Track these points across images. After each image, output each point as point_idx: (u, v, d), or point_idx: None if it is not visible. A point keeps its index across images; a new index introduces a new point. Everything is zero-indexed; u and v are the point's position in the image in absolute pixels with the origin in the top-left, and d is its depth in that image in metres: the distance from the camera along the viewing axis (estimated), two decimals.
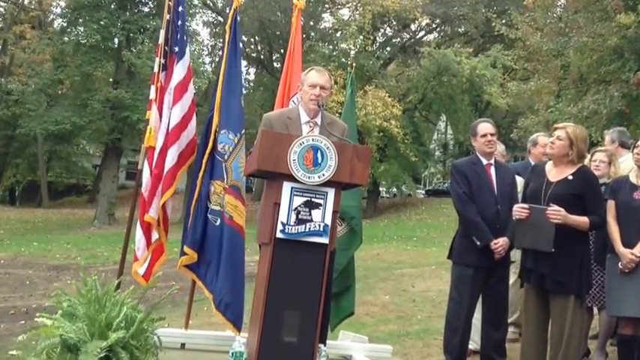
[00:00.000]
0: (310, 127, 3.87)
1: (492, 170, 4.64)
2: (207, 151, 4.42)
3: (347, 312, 4.91)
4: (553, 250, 3.91)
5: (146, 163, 4.47)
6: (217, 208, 4.36)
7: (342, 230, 4.72)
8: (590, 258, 4.21)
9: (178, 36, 4.62)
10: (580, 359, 4.54)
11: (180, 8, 4.64)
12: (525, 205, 4.10)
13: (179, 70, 4.53)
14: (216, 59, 29.15)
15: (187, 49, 4.67)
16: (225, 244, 4.27)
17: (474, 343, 4.92)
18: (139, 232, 4.43)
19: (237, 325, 4.22)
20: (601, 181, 4.86)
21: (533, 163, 5.38)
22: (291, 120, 3.93)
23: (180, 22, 4.64)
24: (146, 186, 4.41)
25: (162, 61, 4.55)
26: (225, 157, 4.35)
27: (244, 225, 4.31)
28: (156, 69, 4.54)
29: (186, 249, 4.38)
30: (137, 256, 4.47)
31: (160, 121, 4.49)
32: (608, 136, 5.34)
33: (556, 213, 3.93)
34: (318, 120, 3.90)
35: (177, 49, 4.59)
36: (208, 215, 4.36)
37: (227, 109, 4.47)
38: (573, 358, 3.98)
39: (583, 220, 4.00)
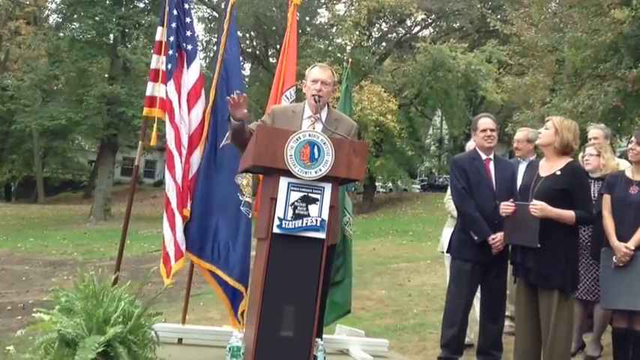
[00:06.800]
0: (311, 122, 3.87)
1: (491, 165, 4.66)
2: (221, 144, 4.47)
3: (342, 310, 4.83)
4: (539, 245, 3.91)
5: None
6: (249, 200, 4.38)
7: None
8: (577, 254, 4.19)
9: (188, 33, 4.61)
10: (573, 353, 4.57)
11: (185, 5, 4.63)
12: (510, 202, 4.14)
13: (193, 74, 4.53)
14: (211, 54, 29.07)
15: (198, 54, 4.68)
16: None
17: (468, 337, 4.95)
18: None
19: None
20: (595, 175, 4.89)
21: (517, 158, 5.43)
22: (294, 114, 3.94)
23: (189, 20, 4.63)
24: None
25: (175, 54, 4.53)
26: None
27: None
28: (153, 65, 4.52)
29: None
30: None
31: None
32: (602, 132, 5.34)
33: (534, 207, 3.95)
34: (322, 116, 3.89)
35: (190, 47, 4.58)
36: (242, 208, 4.35)
37: None
38: (560, 352, 3.96)
39: (568, 214, 3.95)
